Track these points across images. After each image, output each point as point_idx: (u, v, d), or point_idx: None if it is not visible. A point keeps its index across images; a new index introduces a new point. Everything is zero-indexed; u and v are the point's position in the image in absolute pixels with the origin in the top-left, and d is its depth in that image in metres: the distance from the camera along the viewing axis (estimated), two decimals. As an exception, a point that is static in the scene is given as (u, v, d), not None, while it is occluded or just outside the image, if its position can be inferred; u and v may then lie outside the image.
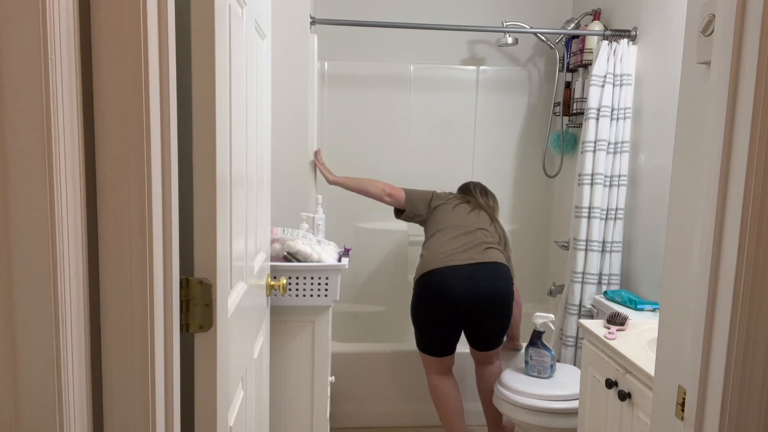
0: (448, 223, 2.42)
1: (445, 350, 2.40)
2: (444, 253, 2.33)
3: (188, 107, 0.97)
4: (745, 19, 0.81)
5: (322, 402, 2.09)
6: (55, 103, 0.66)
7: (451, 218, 2.44)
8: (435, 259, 2.33)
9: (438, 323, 2.35)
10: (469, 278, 2.27)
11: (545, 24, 3.30)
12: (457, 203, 2.51)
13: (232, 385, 1.18)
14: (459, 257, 2.31)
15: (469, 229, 2.39)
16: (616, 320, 1.87)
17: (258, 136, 1.45)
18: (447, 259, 2.30)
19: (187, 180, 0.99)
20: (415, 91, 3.33)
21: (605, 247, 2.67)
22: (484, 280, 2.29)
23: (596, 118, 2.64)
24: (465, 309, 2.29)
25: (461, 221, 2.42)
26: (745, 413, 0.86)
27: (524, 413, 2.23)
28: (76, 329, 0.72)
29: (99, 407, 0.80)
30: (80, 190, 0.72)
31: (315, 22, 2.56)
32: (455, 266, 2.29)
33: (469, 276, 2.28)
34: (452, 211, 2.47)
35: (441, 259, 2.31)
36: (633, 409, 1.59)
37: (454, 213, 2.46)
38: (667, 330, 1.07)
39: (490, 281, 2.30)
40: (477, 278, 2.28)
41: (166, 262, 0.82)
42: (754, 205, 0.81)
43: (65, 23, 0.68)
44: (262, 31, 1.46)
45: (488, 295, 2.29)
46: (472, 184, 2.70)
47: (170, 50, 0.80)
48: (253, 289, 1.42)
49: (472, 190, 2.65)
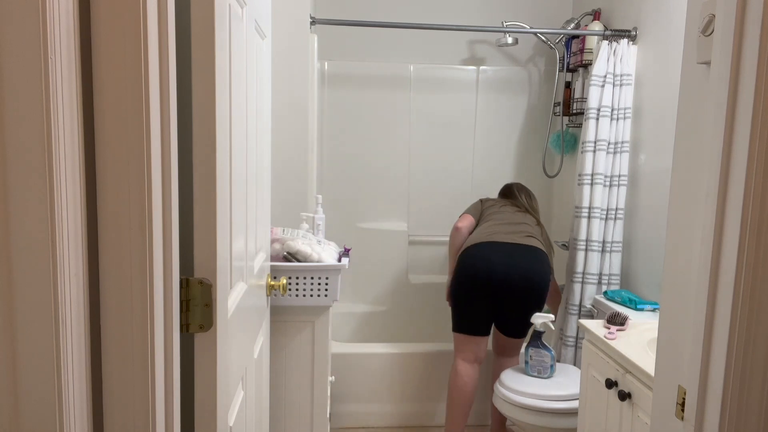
0: (494, 216, 2.55)
1: (475, 328, 2.42)
2: (488, 233, 2.45)
3: (188, 107, 0.97)
4: (745, 19, 0.81)
5: (322, 402, 2.09)
6: (55, 103, 0.66)
7: (498, 214, 2.56)
8: (479, 235, 2.45)
9: (472, 297, 2.39)
10: (508, 255, 2.36)
11: (545, 24, 3.30)
12: (504, 204, 2.62)
13: (232, 385, 1.18)
14: (502, 236, 2.42)
15: (515, 221, 2.52)
16: (616, 320, 1.87)
17: (258, 137, 1.45)
18: (490, 237, 2.42)
19: (187, 180, 0.99)
20: (415, 91, 3.33)
21: (605, 247, 2.67)
22: (522, 259, 2.36)
23: (596, 118, 2.64)
24: (500, 284, 2.35)
25: (508, 218, 2.53)
26: (745, 413, 0.86)
27: (524, 413, 2.23)
28: (76, 329, 0.72)
29: (99, 407, 0.80)
30: (80, 190, 0.72)
31: (315, 22, 2.56)
32: (497, 242, 2.39)
33: (509, 253, 2.37)
34: (499, 209, 2.59)
35: (485, 235, 2.43)
36: (633, 409, 1.59)
37: (501, 211, 2.58)
38: (667, 330, 1.07)
39: (528, 262, 2.37)
40: (515, 256, 2.36)
41: (166, 262, 0.83)
42: (754, 205, 0.81)
43: (65, 23, 0.68)
44: (262, 31, 1.46)
45: (523, 275, 2.35)
46: (516, 187, 2.76)
47: (170, 50, 0.80)
48: (253, 289, 1.42)
49: (516, 192, 2.72)
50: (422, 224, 3.42)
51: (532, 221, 2.56)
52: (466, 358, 2.45)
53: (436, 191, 3.40)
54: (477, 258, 2.38)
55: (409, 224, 3.41)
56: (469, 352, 2.44)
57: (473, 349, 2.44)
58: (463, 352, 2.45)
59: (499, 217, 2.53)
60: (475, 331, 2.43)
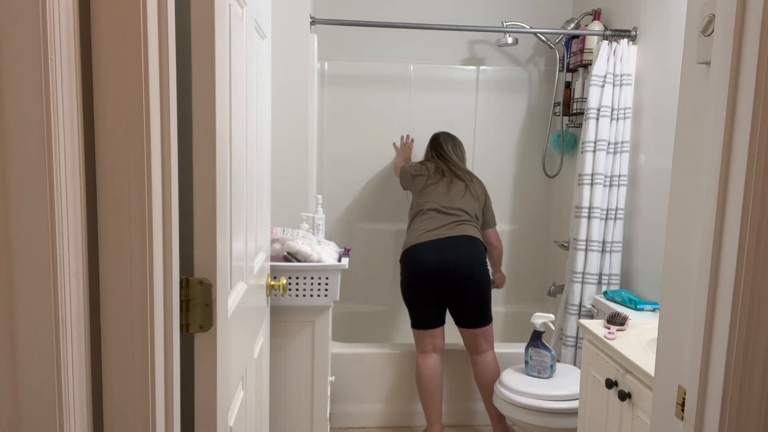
0: (427, 205, 2.64)
1: (428, 322, 2.57)
2: (423, 230, 2.58)
3: (188, 107, 0.97)
4: (745, 19, 0.81)
5: (322, 402, 2.09)
6: (55, 103, 0.66)
7: (430, 200, 2.64)
8: (416, 236, 2.58)
9: (419, 295, 2.56)
10: (443, 250, 2.50)
11: (545, 24, 3.29)
12: (435, 181, 2.69)
13: (232, 385, 1.18)
14: (436, 233, 2.55)
15: (446, 207, 2.61)
16: (616, 320, 1.87)
17: (258, 136, 1.45)
18: (425, 236, 2.55)
19: (187, 180, 0.99)
20: (415, 91, 3.33)
21: (605, 247, 2.67)
22: (457, 250, 2.51)
23: (596, 118, 2.64)
24: (441, 278, 2.49)
25: (440, 201, 2.62)
26: (745, 413, 0.86)
27: (524, 413, 2.23)
28: (76, 329, 0.72)
29: (99, 407, 0.80)
30: (80, 190, 0.72)
31: (315, 22, 2.56)
32: (432, 240, 2.52)
33: (443, 248, 2.51)
34: (431, 190, 2.66)
35: (420, 234, 2.57)
36: (633, 409, 1.59)
37: (433, 193, 2.65)
38: (667, 330, 1.07)
39: (462, 251, 2.51)
40: (449, 250, 2.51)
41: (166, 262, 0.83)
42: (754, 205, 0.81)
43: (65, 23, 0.68)
44: (262, 31, 1.46)
45: (460, 264, 2.49)
46: (442, 138, 2.86)
47: (170, 50, 0.80)
48: (253, 289, 1.42)
49: (444, 148, 2.81)
50: (422, 224, 3.41)
51: (460, 191, 2.64)
52: (424, 350, 2.60)
53: (436, 191, 3.40)
54: (417, 259, 2.52)
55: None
56: (426, 344, 2.59)
57: (429, 342, 2.59)
58: (422, 345, 2.60)
59: (431, 205, 2.61)
60: (429, 324, 2.58)
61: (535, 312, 2.44)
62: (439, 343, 2.59)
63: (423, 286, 2.53)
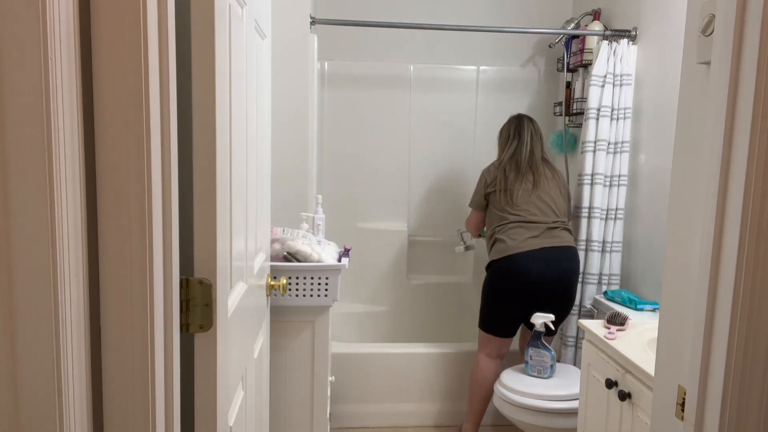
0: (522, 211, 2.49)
1: (506, 331, 2.51)
2: (523, 238, 2.46)
3: (188, 107, 0.97)
4: (745, 19, 0.81)
5: (322, 402, 2.09)
6: (55, 103, 0.66)
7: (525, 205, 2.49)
8: (515, 243, 2.45)
9: (508, 303, 2.47)
10: (545, 261, 2.42)
11: (545, 24, 3.29)
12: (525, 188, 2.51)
13: (232, 385, 1.18)
14: (538, 241, 2.45)
15: (543, 214, 2.49)
16: (616, 320, 1.87)
17: (258, 136, 1.45)
18: (527, 245, 2.44)
19: (187, 180, 0.99)
20: (415, 91, 3.33)
21: (605, 247, 2.67)
22: (558, 263, 2.44)
23: (596, 118, 2.64)
24: (538, 290, 2.43)
25: (537, 209, 2.48)
26: (745, 413, 0.86)
27: (524, 413, 2.23)
28: (76, 329, 0.72)
29: (99, 407, 0.80)
30: (80, 190, 0.72)
31: (315, 22, 2.56)
32: (534, 249, 2.43)
33: (546, 259, 2.42)
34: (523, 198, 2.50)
35: (520, 243, 2.44)
36: (633, 409, 1.59)
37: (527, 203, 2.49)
38: (667, 330, 1.07)
39: (564, 264, 2.45)
40: (552, 262, 2.43)
41: (166, 262, 0.82)
42: (754, 205, 0.81)
43: (65, 23, 0.68)
44: (262, 31, 1.46)
45: (560, 279, 2.44)
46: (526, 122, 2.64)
47: (170, 50, 0.80)
48: (253, 289, 1.42)
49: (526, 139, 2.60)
50: (422, 224, 3.42)
51: (556, 195, 2.51)
52: (489, 354, 2.53)
53: (436, 191, 3.40)
54: (515, 267, 2.42)
55: (409, 224, 3.41)
56: (494, 350, 2.53)
57: (498, 347, 2.53)
58: (488, 348, 2.53)
59: (527, 211, 2.47)
60: (505, 333, 2.52)
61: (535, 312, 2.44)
62: (506, 351, 2.57)
63: (521, 295, 2.44)
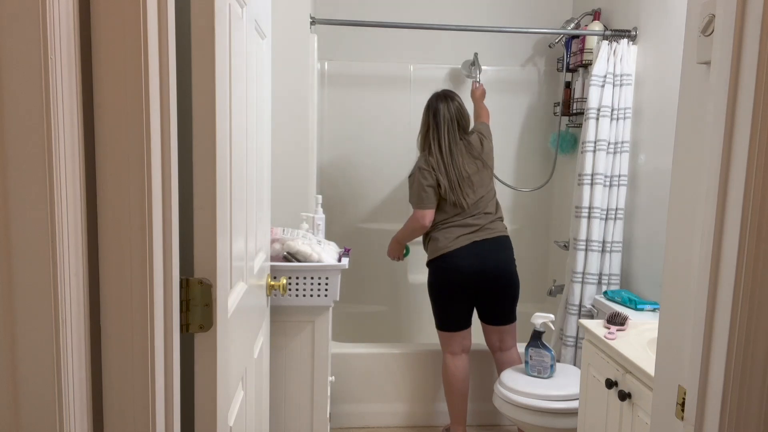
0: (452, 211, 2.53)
1: (459, 325, 2.56)
2: (456, 235, 2.52)
3: (188, 107, 0.97)
4: (745, 19, 0.81)
5: (322, 402, 2.09)
6: (55, 103, 0.66)
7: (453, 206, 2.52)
8: (449, 241, 2.52)
9: (454, 298, 2.53)
10: (480, 254, 2.48)
11: (545, 24, 3.29)
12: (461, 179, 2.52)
13: (232, 385, 1.18)
14: (471, 236, 2.51)
15: (475, 206, 2.54)
16: (616, 320, 1.87)
17: (258, 136, 1.45)
18: (460, 240, 2.50)
19: (187, 180, 0.99)
20: (415, 91, 3.32)
21: (605, 247, 2.67)
22: (493, 254, 2.50)
23: (596, 118, 2.64)
24: (478, 282, 2.49)
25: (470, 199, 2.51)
26: (745, 413, 0.86)
27: (524, 413, 2.23)
28: (76, 329, 0.72)
29: (99, 407, 0.80)
30: (80, 190, 0.72)
31: (315, 22, 2.56)
32: (468, 244, 2.49)
33: (480, 252, 2.49)
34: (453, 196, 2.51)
35: (454, 239, 2.51)
36: (633, 409, 1.59)
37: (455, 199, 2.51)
38: (667, 330, 1.07)
39: (498, 254, 2.52)
40: (486, 254, 2.49)
41: (166, 262, 0.82)
42: (754, 205, 0.81)
43: (65, 23, 0.68)
44: (262, 31, 1.46)
45: (497, 268, 2.51)
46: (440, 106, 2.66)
47: (170, 50, 0.80)
48: (253, 289, 1.42)
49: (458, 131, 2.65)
50: (422, 224, 3.41)
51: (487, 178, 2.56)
52: (453, 351, 2.58)
53: (436, 191, 3.40)
54: (453, 264, 2.49)
55: (409, 224, 3.40)
56: (456, 346, 2.58)
57: (459, 342, 2.58)
58: (450, 346, 2.58)
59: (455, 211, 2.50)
60: (460, 327, 2.57)
61: (535, 312, 2.44)
62: (467, 343, 2.60)
63: (463, 288, 2.51)
